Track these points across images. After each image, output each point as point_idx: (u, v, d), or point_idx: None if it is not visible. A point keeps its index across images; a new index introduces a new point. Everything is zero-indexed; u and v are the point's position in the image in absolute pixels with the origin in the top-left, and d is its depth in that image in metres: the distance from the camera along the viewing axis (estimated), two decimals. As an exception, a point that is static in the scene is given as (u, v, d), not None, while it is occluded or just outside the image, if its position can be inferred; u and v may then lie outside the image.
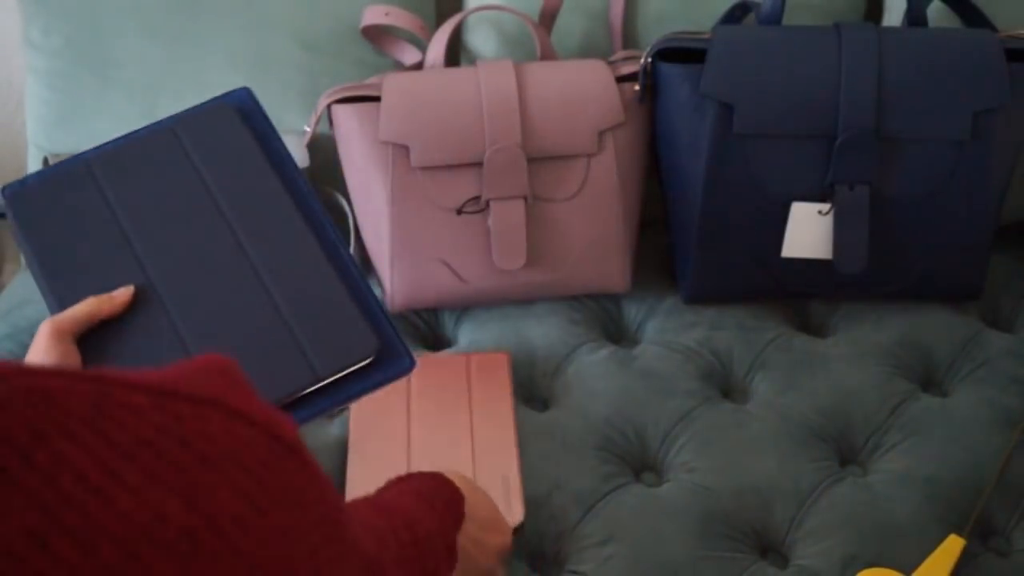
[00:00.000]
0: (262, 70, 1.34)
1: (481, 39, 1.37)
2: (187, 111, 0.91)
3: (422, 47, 1.33)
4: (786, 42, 1.19)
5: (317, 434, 1.12)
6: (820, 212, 1.20)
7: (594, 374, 1.17)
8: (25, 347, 1.26)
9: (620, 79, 1.26)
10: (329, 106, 1.25)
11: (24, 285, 1.36)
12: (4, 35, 1.54)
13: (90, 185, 0.86)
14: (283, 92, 1.34)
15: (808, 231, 1.21)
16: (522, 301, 1.28)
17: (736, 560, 1.01)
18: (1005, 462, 1.08)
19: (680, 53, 1.21)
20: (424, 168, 1.22)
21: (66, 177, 0.87)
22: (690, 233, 1.24)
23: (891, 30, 1.20)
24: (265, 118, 0.92)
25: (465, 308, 1.28)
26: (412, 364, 0.83)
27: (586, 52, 1.35)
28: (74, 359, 0.77)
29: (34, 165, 1.37)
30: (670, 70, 1.21)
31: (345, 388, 0.82)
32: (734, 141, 1.18)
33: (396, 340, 0.83)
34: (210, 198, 0.86)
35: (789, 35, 1.19)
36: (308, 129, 1.27)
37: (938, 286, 1.25)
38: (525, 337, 1.23)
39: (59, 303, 0.82)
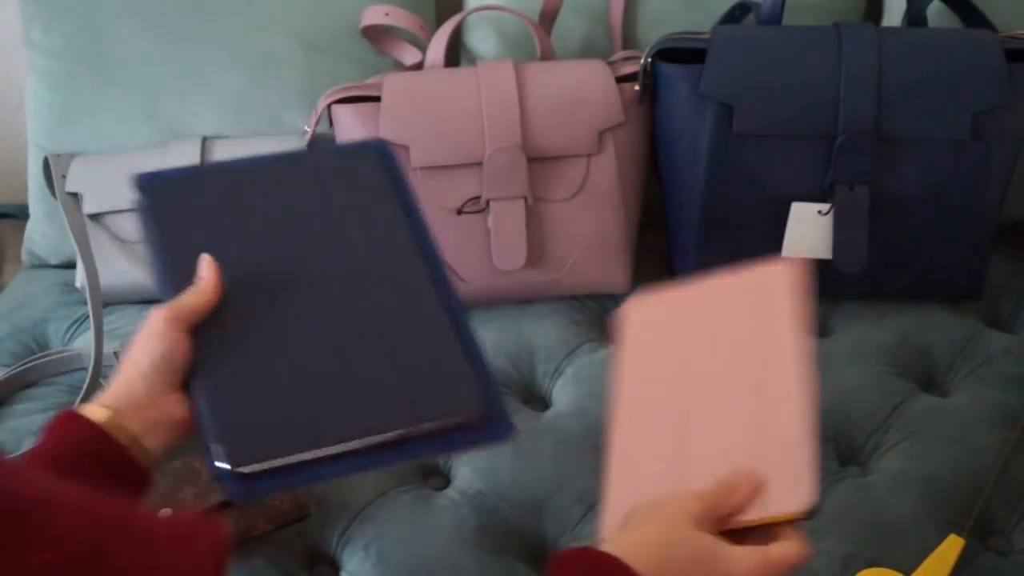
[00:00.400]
0: (262, 70, 1.34)
1: (481, 39, 1.37)
2: (329, 148, 0.93)
3: (422, 47, 1.33)
4: (786, 42, 1.19)
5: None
6: (820, 212, 1.20)
7: (594, 374, 1.17)
8: (25, 347, 1.26)
9: (620, 79, 1.26)
10: (329, 106, 1.25)
11: (24, 285, 1.37)
12: (4, 35, 1.54)
13: (225, 191, 0.85)
14: (283, 92, 1.34)
15: (808, 231, 1.21)
16: (522, 301, 1.28)
17: (736, 560, 1.01)
18: (1005, 462, 1.08)
19: (680, 53, 1.21)
20: (424, 168, 1.22)
21: (203, 178, 0.86)
22: (690, 233, 1.24)
23: (891, 30, 1.20)
24: (399, 169, 0.91)
25: (465, 308, 1.28)
26: (509, 429, 0.80)
27: (586, 52, 1.35)
28: (183, 350, 0.75)
29: (34, 165, 1.37)
30: (670, 70, 1.21)
31: (436, 441, 0.79)
32: (734, 141, 1.19)
33: (499, 403, 0.81)
34: (340, 230, 0.85)
35: (789, 35, 1.20)
36: (308, 129, 1.27)
37: (938, 286, 1.25)
38: (525, 337, 1.23)
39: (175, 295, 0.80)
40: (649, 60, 1.23)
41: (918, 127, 1.17)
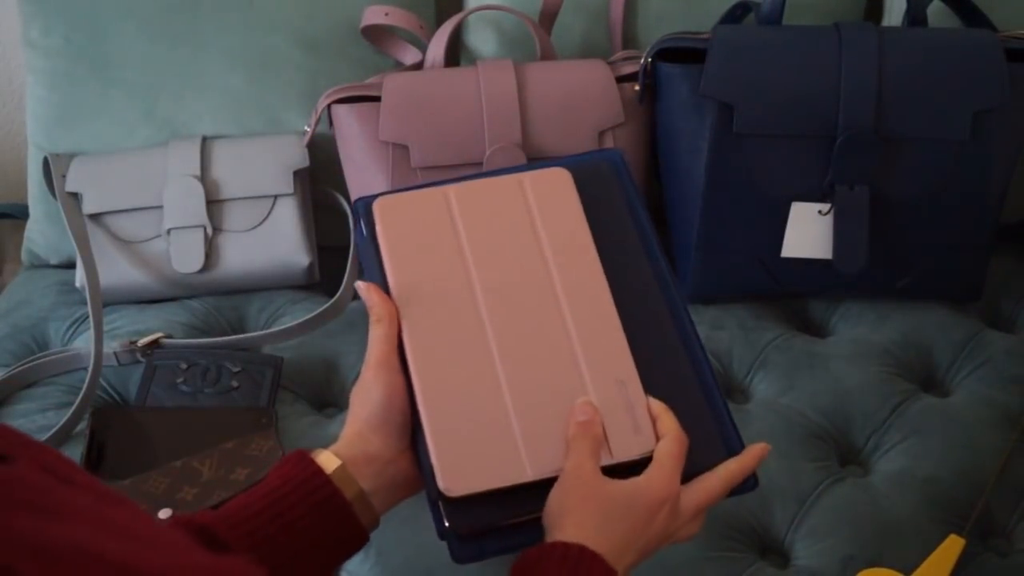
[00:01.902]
0: (262, 70, 1.34)
1: (481, 39, 1.37)
2: (561, 160, 0.84)
3: (422, 47, 1.33)
4: (786, 42, 1.19)
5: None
6: (820, 212, 1.20)
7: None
8: (25, 347, 1.26)
9: (620, 79, 1.26)
10: (329, 106, 1.25)
11: (24, 285, 1.37)
12: (3, 35, 1.54)
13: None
14: (283, 92, 1.34)
15: (808, 231, 1.21)
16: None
17: (736, 560, 1.01)
18: (1005, 462, 1.08)
19: (680, 53, 1.21)
20: (424, 168, 1.22)
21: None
22: (690, 233, 1.24)
23: (891, 30, 1.20)
24: (633, 182, 0.84)
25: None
26: (756, 484, 0.75)
27: (586, 52, 1.35)
28: (400, 391, 0.71)
29: (34, 165, 1.37)
30: (670, 70, 1.21)
31: None
32: (734, 141, 1.18)
33: (738, 449, 0.75)
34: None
35: (789, 35, 1.19)
36: (308, 129, 1.27)
37: (938, 286, 1.25)
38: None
39: (403, 308, 0.75)
40: (649, 60, 1.23)
41: (918, 127, 1.17)
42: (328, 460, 0.69)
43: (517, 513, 0.70)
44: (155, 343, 1.20)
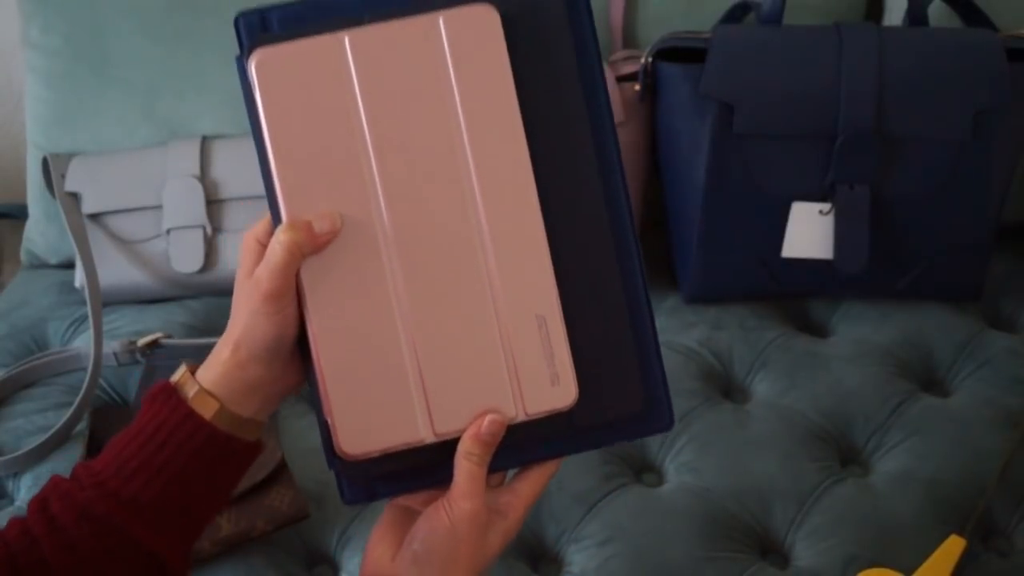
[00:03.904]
0: (262, 70, 1.33)
1: (481, 39, 1.37)
2: None
3: (422, 47, 1.32)
4: (786, 42, 1.19)
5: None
6: (820, 212, 1.20)
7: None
8: (25, 347, 1.26)
9: (620, 79, 1.26)
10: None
11: (23, 285, 1.36)
12: (3, 35, 1.54)
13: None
14: (283, 92, 1.34)
15: (808, 231, 1.21)
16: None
17: (736, 560, 1.01)
18: (1006, 462, 1.08)
19: (680, 53, 1.21)
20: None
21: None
22: (690, 233, 1.24)
23: (891, 30, 1.20)
24: (588, 15, 0.66)
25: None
26: (671, 423, 0.68)
27: (586, 52, 1.35)
28: (293, 326, 0.64)
29: (33, 165, 1.37)
30: (670, 70, 1.21)
31: (585, 436, 0.67)
32: (734, 141, 1.18)
33: (662, 391, 0.68)
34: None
35: (789, 35, 1.19)
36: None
37: (938, 286, 1.25)
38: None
39: (288, 203, 0.63)
40: (650, 60, 1.23)
41: (919, 127, 1.17)
42: (203, 403, 0.64)
43: (415, 466, 0.65)
44: (155, 343, 1.20)
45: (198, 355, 1.19)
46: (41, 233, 1.39)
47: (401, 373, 0.64)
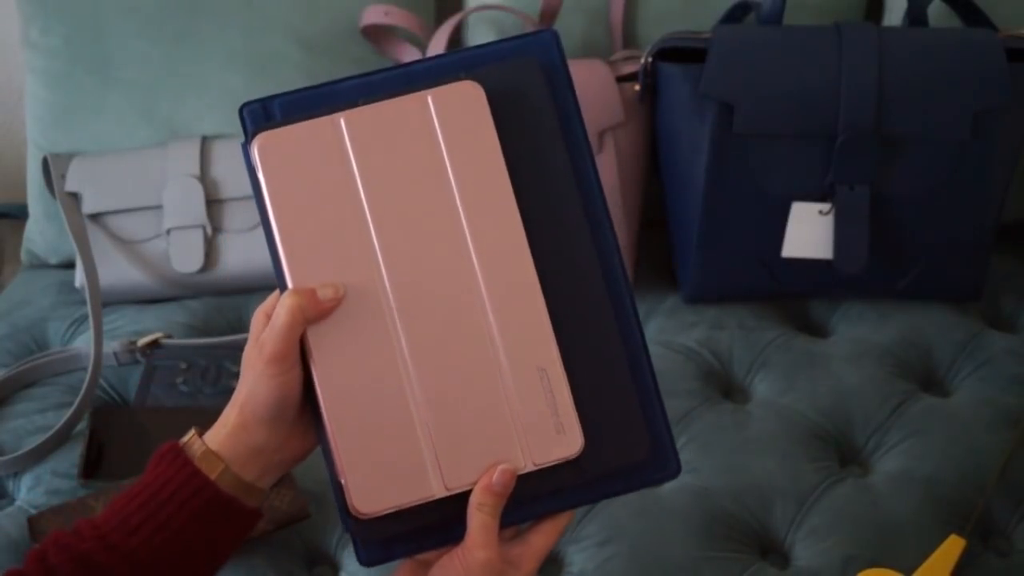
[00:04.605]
0: (262, 70, 1.34)
1: (481, 39, 1.37)
2: (480, 52, 0.70)
3: (422, 47, 1.33)
4: (786, 42, 1.19)
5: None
6: (820, 212, 1.20)
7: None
8: (25, 347, 1.26)
9: (620, 79, 1.26)
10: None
11: (23, 285, 1.36)
12: (3, 35, 1.54)
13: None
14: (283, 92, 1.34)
15: (808, 231, 1.21)
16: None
17: (736, 560, 1.01)
18: (1006, 462, 1.08)
19: (680, 53, 1.21)
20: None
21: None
22: (690, 233, 1.24)
23: (891, 30, 1.20)
24: (568, 81, 0.70)
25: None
26: (678, 470, 0.69)
27: (586, 52, 1.35)
28: (297, 389, 0.66)
29: (33, 165, 1.37)
30: (670, 70, 1.21)
31: (591, 487, 0.68)
32: (734, 141, 1.18)
33: (666, 438, 0.69)
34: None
35: (789, 35, 1.19)
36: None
37: (938, 286, 1.25)
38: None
39: (293, 273, 0.66)
40: (649, 60, 1.23)
41: (918, 127, 1.17)
42: (209, 463, 0.66)
43: (429, 524, 0.67)
44: (155, 343, 1.20)
45: (198, 355, 1.20)
46: (41, 233, 1.39)
47: (410, 431, 0.66)
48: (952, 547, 0.99)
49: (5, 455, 1.11)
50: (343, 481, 0.66)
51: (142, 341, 1.19)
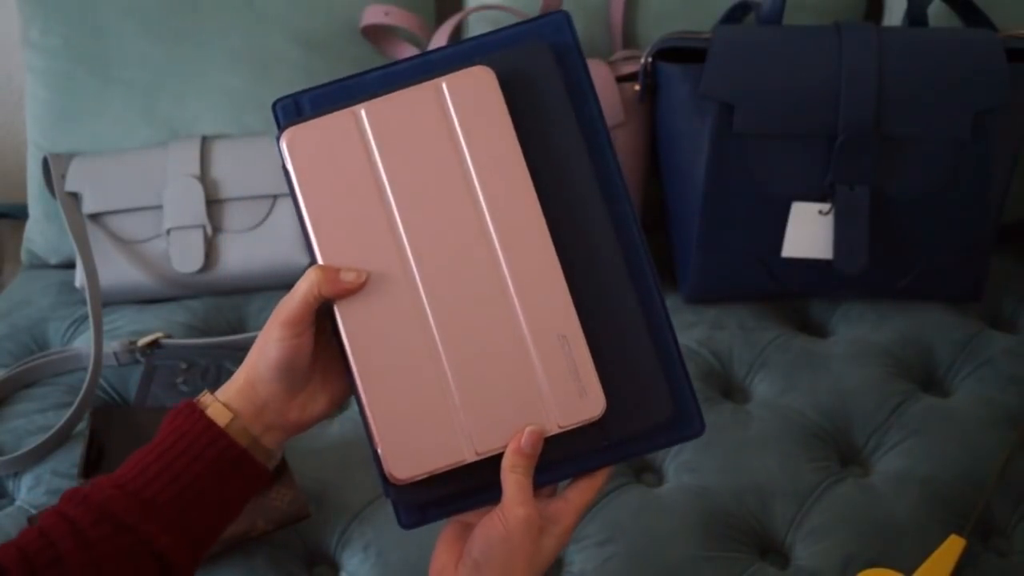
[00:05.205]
0: (262, 70, 1.34)
1: (481, 39, 1.37)
2: (496, 37, 0.75)
3: (422, 47, 1.33)
4: (786, 42, 1.19)
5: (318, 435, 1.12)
6: (820, 212, 1.20)
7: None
8: (25, 347, 1.26)
9: (620, 79, 1.26)
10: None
11: (23, 285, 1.36)
12: (3, 35, 1.54)
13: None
14: (282, 92, 1.32)
15: (808, 231, 1.21)
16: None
17: (736, 560, 1.01)
18: (1005, 462, 1.08)
19: (680, 53, 1.21)
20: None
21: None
22: (690, 233, 1.24)
23: (891, 30, 1.20)
24: (580, 60, 0.74)
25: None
26: (702, 428, 0.72)
27: (586, 52, 1.34)
28: (304, 355, 0.69)
29: (33, 165, 1.37)
30: (670, 70, 1.21)
31: (618, 448, 0.71)
32: (734, 141, 1.18)
33: (689, 398, 0.72)
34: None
35: (789, 35, 1.19)
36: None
37: (938, 286, 1.25)
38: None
39: (324, 256, 0.70)
40: (649, 60, 1.23)
41: (918, 127, 1.17)
42: (219, 413, 0.70)
43: (463, 487, 0.70)
44: (155, 343, 1.20)
45: (198, 355, 1.20)
46: (41, 233, 1.39)
47: (440, 400, 0.69)
48: (952, 547, 0.99)
49: (5, 455, 1.11)
50: (379, 450, 0.69)
51: (142, 341, 1.19)
